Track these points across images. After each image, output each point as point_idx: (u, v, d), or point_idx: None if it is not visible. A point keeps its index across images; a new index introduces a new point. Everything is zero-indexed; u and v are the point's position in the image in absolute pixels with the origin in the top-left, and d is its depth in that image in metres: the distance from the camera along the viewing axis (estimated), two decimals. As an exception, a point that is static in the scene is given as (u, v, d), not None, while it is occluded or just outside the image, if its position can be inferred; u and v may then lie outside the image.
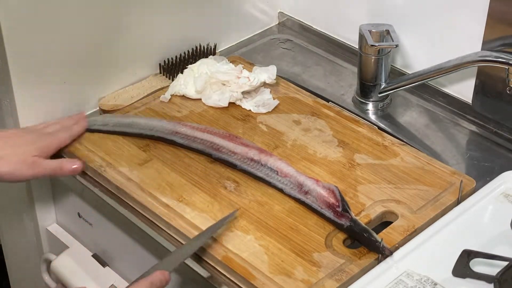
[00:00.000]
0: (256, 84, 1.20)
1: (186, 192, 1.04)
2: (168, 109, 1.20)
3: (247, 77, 1.20)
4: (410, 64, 1.27)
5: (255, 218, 1.00)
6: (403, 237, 0.97)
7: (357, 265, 0.93)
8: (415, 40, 1.25)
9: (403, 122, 1.23)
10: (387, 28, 1.21)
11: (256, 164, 1.06)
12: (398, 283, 0.91)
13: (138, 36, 1.23)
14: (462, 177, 1.06)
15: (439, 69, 1.16)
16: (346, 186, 1.05)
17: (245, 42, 1.41)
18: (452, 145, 1.18)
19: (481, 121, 1.20)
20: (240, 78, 1.20)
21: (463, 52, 1.13)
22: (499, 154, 1.16)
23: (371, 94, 1.25)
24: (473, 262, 0.91)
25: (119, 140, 1.13)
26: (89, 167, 1.09)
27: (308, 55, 1.38)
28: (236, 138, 1.11)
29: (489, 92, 1.17)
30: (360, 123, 1.18)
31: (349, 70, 1.34)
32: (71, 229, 1.24)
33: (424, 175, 1.07)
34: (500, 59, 1.08)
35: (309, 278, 0.92)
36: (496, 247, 0.95)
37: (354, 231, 0.96)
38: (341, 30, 1.37)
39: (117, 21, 1.20)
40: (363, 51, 1.22)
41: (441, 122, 1.22)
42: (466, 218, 1.00)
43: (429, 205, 1.02)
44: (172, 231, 0.99)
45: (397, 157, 1.10)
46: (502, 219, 0.98)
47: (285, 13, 1.45)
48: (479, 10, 1.12)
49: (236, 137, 1.11)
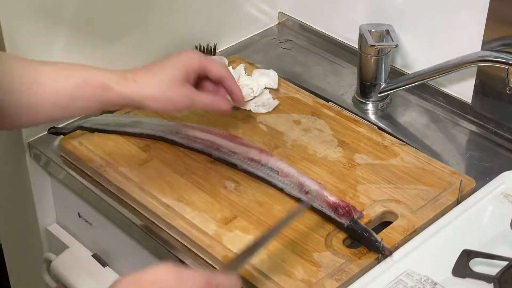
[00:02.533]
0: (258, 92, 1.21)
1: (186, 192, 1.04)
2: (168, 109, 1.20)
3: (251, 88, 1.20)
4: (410, 64, 1.27)
5: (255, 218, 1.00)
6: (403, 237, 0.97)
7: (357, 265, 0.93)
8: (415, 40, 1.25)
9: (403, 122, 1.23)
10: (387, 28, 1.21)
11: (256, 164, 1.06)
12: (398, 283, 0.91)
13: (138, 37, 1.23)
14: (462, 177, 1.06)
15: (439, 69, 1.16)
16: (346, 186, 1.05)
17: (245, 42, 1.41)
18: (452, 145, 1.18)
19: (481, 121, 1.20)
20: (243, 88, 1.19)
21: (463, 52, 1.13)
22: (498, 154, 1.16)
23: (371, 94, 1.25)
24: (473, 262, 0.91)
25: (119, 140, 1.13)
26: (89, 167, 1.09)
27: (308, 55, 1.38)
28: (236, 138, 1.11)
29: (489, 92, 1.17)
30: (360, 123, 1.18)
31: (349, 70, 1.34)
32: (71, 229, 1.24)
33: (424, 175, 1.07)
34: (500, 59, 1.08)
35: (309, 278, 0.92)
36: (496, 247, 0.95)
37: (354, 230, 0.96)
38: (341, 30, 1.37)
39: (117, 22, 1.20)
40: (363, 51, 1.22)
41: (441, 122, 1.22)
42: (466, 218, 1.00)
43: (429, 205, 1.02)
44: (172, 231, 1.00)
45: (397, 157, 1.10)
46: (502, 219, 0.99)
47: (285, 13, 1.45)
48: (479, 10, 1.12)
49: (236, 137, 1.11)
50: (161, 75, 0.98)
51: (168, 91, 0.98)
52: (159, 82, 0.98)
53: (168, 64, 0.99)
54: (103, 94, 0.96)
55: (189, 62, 1.00)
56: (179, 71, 0.98)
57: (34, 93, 0.94)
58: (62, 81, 0.95)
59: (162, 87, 0.97)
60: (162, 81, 0.98)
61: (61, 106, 0.96)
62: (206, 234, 0.98)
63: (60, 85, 0.95)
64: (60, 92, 0.95)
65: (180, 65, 0.99)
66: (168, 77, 0.98)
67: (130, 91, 0.96)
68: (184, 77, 0.99)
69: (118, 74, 0.97)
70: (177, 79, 0.98)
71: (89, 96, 0.96)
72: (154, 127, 1.13)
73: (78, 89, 0.95)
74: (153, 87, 0.97)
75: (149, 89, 0.97)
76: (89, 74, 0.96)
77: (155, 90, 0.97)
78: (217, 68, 1.02)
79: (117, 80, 0.96)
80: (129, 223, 1.04)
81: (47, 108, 0.95)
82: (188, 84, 0.99)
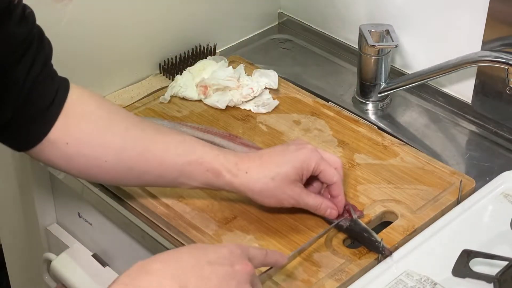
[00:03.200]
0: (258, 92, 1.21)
1: (186, 192, 1.03)
2: (168, 109, 1.20)
3: (251, 88, 1.20)
4: (410, 64, 1.27)
5: (255, 218, 1.00)
6: (403, 237, 0.97)
7: (357, 265, 0.93)
8: (415, 40, 1.25)
9: (403, 122, 1.23)
10: (387, 28, 1.21)
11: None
12: (398, 283, 0.91)
13: (138, 36, 1.23)
14: (461, 177, 1.06)
15: (439, 69, 1.16)
16: (346, 186, 1.05)
17: (245, 42, 1.41)
18: (452, 145, 1.18)
19: (481, 121, 1.20)
20: (243, 88, 1.19)
21: (463, 52, 1.13)
22: (499, 154, 1.16)
23: (371, 94, 1.25)
24: (473, 262, 0.91)
25: (119, 140, 1.13)
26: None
27: (308, 55, 1.38)
28: (236, 138, 1.11)
29: (489, 92, 1.17)
30: (359, 123, 1.18)
31: (349, 70, 1.34)
32: (71, 229, 1.24)
33: (423, 175, 1.07)
34: (500, 59, 1.08)
35: (309, 278, 0.92)
36: (496, 247, 0.95)
37: (354, 231, 0.96)
38: (341, 30, 1.37)
39: (117, 21, 1.20)
40: (363, 51, 1.22)
41: (441, 122, 1.22)
42: (466, 218, 1.00)
43: (428, 205, 1.02)
44: (172, 231, 0.99)
45: (396, 157, 1.10)
46: (502, 219, 0.99)
47: (285, 13, 1.45)
48: (479, 10, 1.12)
49: (236, 137, 1.11)
50: (275, 172, 0.95)
51: (277, 189, 0.95)
52: (271, 179, 0.95)
53: (284, 159, 0.96)
54: (211, 178, 0.95)
55: (306, 163, 0.96)
56: (293, 170, 0.95)
57: (144, 160, 0.95)
58: (173, 156, 0.95)
59: (272, 185, 0.95)
60: (274, 179, 0.95)
61: (165, 178, 0.96)
62: (206, 234, 0.98)
63: (171, 158, 0.95)
64: (170, 166, 0.95)
65: (296, 164, 0.95)
66: (281, 176, 0.95)
67: (239, 182, 0.95)
68: (297, 177, 0.96)
69: (231, 161, 0.95)
70: (290, 177, 0.95)
71: (196, 177, 0.95)
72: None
73: (189, 167, 0.95)
74: (264, 183, 0.95)
75: (259, 185, 0.95)
76: (203, 154, 0.95)
77: (264, 186, 0.95)
78: (331, 175, 0.98)
79: (229, 169, 0.95)
80: (129, 223, 1.04)
81: (151, 176, 0.96)
82: (300, 183, 0.97)
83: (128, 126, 0.96)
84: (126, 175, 0.96)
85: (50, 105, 0.92)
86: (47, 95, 0.92)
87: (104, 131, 0.95)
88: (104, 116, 0.96)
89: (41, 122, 0.92)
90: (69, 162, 0.95)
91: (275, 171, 0.95)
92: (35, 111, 0.92)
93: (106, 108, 0.97)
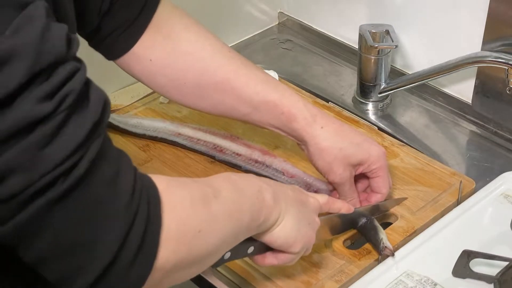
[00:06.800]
0: None
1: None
2: (168, 109, 1.20)
3: None
4: (410, 64, 1.27)
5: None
6: (403, 238, 0.97)
7: (357, 266, 0.93)
8: (415, 40, 1.25)
9: (403, 122, 1.23)
10: (387, 28, 1.21)
11: (261, 165, 1.06)
12: (398, 284, 0.91)
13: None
14: (461, 178, 1.06)
15: (439, 69, 1.16)
16: (346, 186, 1.05)
17: (245, 42, 1.41)
18: (452, 146, 1.18)
19: (481, 121, 1.20)
20: None
21: (463, 52, 1.13)
22: (499, 155, 1.16)
23: (371, 94, 1.25)
24: (473, 262, 0.91)
25: (119, 140, 1.13)
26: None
27: (308, 55, 1.38)
28: (237, 138, 1.11)
29: (489, 92, 1.17)
30: (360, 123, 1.18)
31: (349, 70, 1.34)
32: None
33: (423, 176, 1.07)
34: (500, 59, 1.08)
35: (309, 279, 0.92)
36: (496, 247, 0.95)
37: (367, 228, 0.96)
38: (341, 30, 1.37)
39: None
40: (363, 52, 1.21)
41: (441, 122, 1.22)
42: (466, 219, 1.00)
43: (428, 206, 1.02)
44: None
45: (396, 158, 1.10)
46: (502, 219, 0.99)
47: (285, 13, 1.45)
48: (479, 10, 1.12)
49: (237, 138, 1.11)
50: (345, 144, 0.95)
51: (336, 160, 0.95)
52: (338, 149, 0.95)
53: (360, 142, 0.96)
54: (284, 122, 0.95)
55: (372, 161, 0.96)
56: (359, 157, 0.95)
57: (222, 90, 0.94)
58: (252, 92, 0.94)
59: (336, 153, 0.95)
60: (341, 150, 0.95)
61: (238, 111, 0.96)
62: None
63: (249, 94, 0.94)
64: (246, 101, 0.95)
65: (365, 155, 0.96)
66: (348, 151, 0.95)
67: (311, 133, 0.94)
68: (356, 164, 0.96)
69: (311, 110, 0.95)
70: (351, 159, 0.95)
71: (269, 117, 0.95)
72: (156, 129, 1.13)
73: (264, 106, 0.94)
74: (330, 146, 0.94)
75: (326, 144, 0.94)
76: (282, 97, 0.95)
77: (329, 150, 0.94)
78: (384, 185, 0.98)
79: (305, 117, 0.94)
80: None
81: (225, 107, 0.96)
82: (353, 171, 0.97)
83: (215, 53, 0.95)
84: (203, 101, 0.96)
85: (137, 16, 0.91)
86: (134, 5, 0.90)
87: (187, 55, 0.94)
88: (192, 39, 0.95)
89: (126, 34, 0.91)
90: (150, 79, 0.95)
91: (346, 145, 0.95)
92: (121, 21, 0.90)
93: (195, 31, 0.96)
